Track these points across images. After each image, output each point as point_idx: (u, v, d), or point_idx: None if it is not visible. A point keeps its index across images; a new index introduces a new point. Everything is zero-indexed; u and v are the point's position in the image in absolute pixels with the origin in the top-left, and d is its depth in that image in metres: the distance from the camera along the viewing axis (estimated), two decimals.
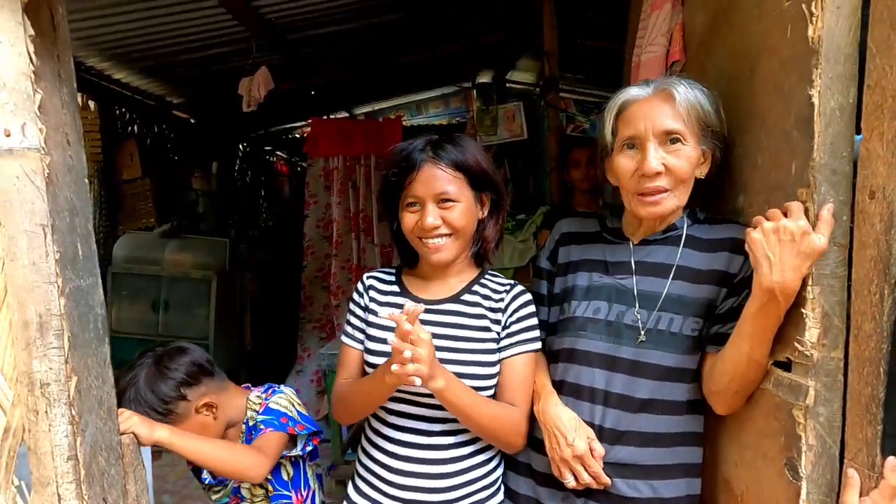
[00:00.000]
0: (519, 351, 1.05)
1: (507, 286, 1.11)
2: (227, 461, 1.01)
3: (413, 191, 1.03)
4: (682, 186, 0.97)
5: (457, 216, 1.02)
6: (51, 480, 0.70)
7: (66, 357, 0.69)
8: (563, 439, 0.98)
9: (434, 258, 1.05)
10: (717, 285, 0.97)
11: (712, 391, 0.96)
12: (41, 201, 0.66)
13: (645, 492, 0.98)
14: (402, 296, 1.11)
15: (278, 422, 1.13)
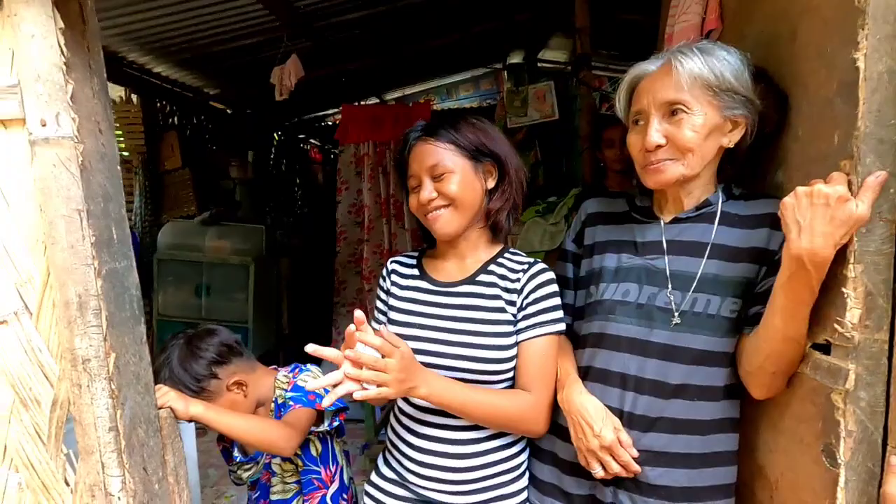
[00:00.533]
0: (536, 333, 1.02)
1: (525, 265, 1.07)
2: (257, 434, 1.05)
3: (411, 170, 1.05)
4: (691, 155, 0.93)
5: (450, 185, 1.01)
6: (94, 449, 0.75)
7: (104, 335, 0.73)
8: (589, 430, 0.95)
9: (437, 229, 1.04)
10: (756, 263, 0.93)
11: (748, 372, 0.92)
12: (76, 187, 0.69)
13: (679, 480, 0.94)
14: (421, 279, 1.12)
15: (306, 398, 1.16)
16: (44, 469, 0.78)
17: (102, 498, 0.76)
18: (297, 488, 1.23)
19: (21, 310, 0.74)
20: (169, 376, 1.12)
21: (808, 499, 0.87)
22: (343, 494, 1.27)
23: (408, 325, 1.06)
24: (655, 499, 0.95)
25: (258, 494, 1.26)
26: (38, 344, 0.75)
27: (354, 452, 3.04)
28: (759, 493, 1.02)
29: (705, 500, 0.95)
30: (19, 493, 0.79)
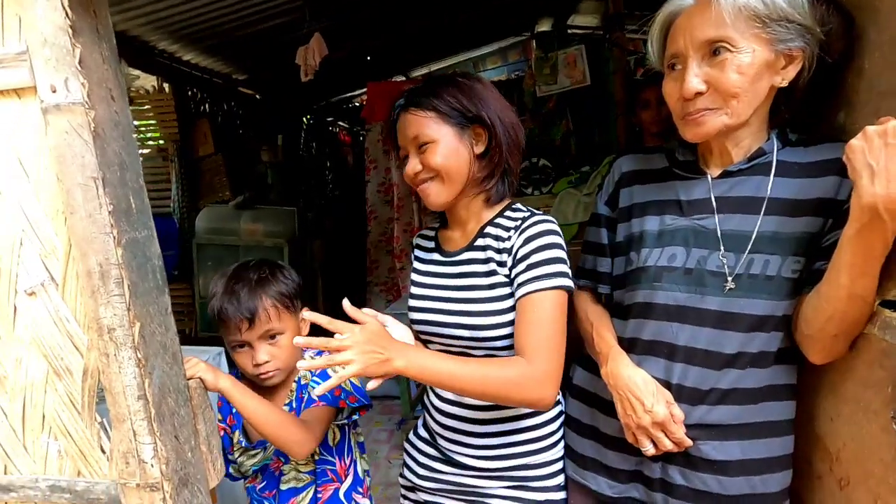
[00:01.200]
0: (527, 291, 0.92)
1: (518, 220, 0.98)
2: (277, 427, 1.00)
3: (399, 141, 1.02)
4: (735, 102, 0.83)
5: (432, 157, 0.96)
6: (126, 417, 0.75)
7: (127, 304, 0.73)
8: (640, 405, 0.88)
9: (428, 202, 1.01)
10: (821, 216, 0.83)
11: (805, 335, 0.84)
12: (90, 154, 0.68)
13: (733, 453, 0.88)
14: (436, 251, 1.11)
15: (332, 395, 1.12)
16: (80, 437, 0.80)
17: (136, 465, 0.77)
18: (310, 479, 1.17)
19: (47, 280, 0.75)
20: (283, 278, 1.13)
21: (876, 470, 0.80)
22: (358, 488, 1.23)
23: (422, 298, 1.07)
24: (709, 473, 0.89)
25: (263, 484, 1.18)
26: (66, 314, 0.75)
27: (391, 427, 3.08)
28: (818, 465, 0.95)
29: (762, 473, 0.88)
30: (59, 461, 0.81)
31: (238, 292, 1.08)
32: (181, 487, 0.81)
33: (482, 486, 1.01)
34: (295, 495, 1.15)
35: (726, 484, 0.88)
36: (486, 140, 1.00)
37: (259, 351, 1.09)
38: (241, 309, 1.07)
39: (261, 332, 1.09)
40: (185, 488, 0.82)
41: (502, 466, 1.00)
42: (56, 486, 0.81)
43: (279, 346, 1.11)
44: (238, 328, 1.08)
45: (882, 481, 0.78)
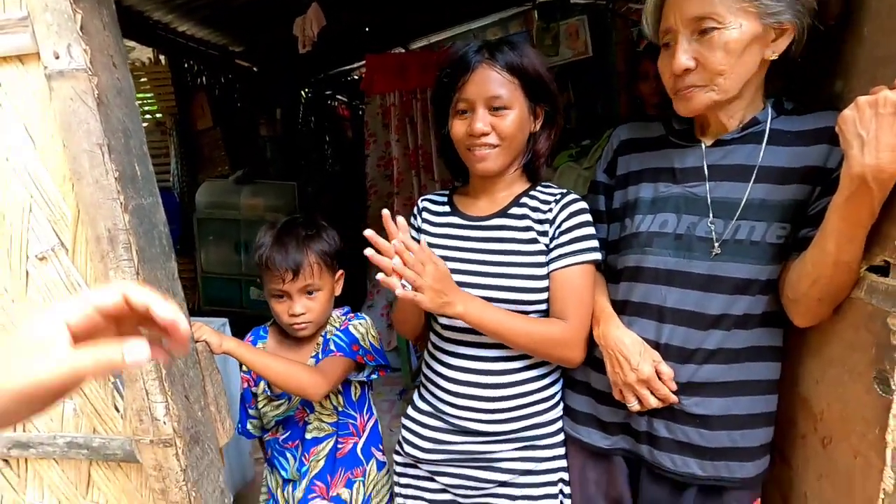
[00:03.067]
0: (569, 262, 0.99)
1: (558, 195, 1.04)
2: (287, 376, 1.06)
3: (465, 94, 0.98)
4: (722, 79, 0.84)
5: (507, 124, 0.97)
6: (137, 378, 0.79)
7: (136, 269, 0.75)
8: (626, 364, 0.93)
9: (479, 167, 1.01)
10: (810, 184, 0.85)
11: (790, 299, 0.87)
12: (94, 120, 0.70)
13: (716, 409, 0.92)
14: (453, 215, 1.10)
15: (349, 348, 1.18)
16: (94, 396, 0.83)
17: (150, 422, 0.80)
18: (332, 430, 1.22)
19: (57, 246, 0.77)
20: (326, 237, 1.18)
21: (858, 428, 0.83)
22: (377, 445, 1.29)
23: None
24: (692, 427, 0.93)
25: (287, 435, 1.23)
26: (77, 279, 0.78)
27: (392, 398, 3.15)
28: (802, 424, 0.99)
29: (743, 428, 0.92)
30: (76, 419, 0.85)
31: (287, 244, 1.14)
32: (193, 444, 0.85)
33: (492, 450, 1.04)
34: (317, 444, 1.21)
35: (708, 437, 0.92)
36: (542, 119, 1.04)
37: (297, 303, 1.14)
38: (288, 261, 1.12)
39: (301, 286, 1.14)
40: (196, 445, 0.86)
41: (512, 429, 1.03)
42: (73, 442, 0.85)
43: (316, 301, 1.17)
44: (282, 278, 1.12)
45: (863, 438, 0.82)
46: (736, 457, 0.92)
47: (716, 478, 0.93)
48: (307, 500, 1.21)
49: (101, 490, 0.89)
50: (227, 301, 3.59)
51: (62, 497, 0.90)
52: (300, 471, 1.21)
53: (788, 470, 1.03)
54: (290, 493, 1.22)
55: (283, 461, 1.23)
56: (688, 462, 0.94)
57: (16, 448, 0.87)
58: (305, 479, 1.21)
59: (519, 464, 1.04)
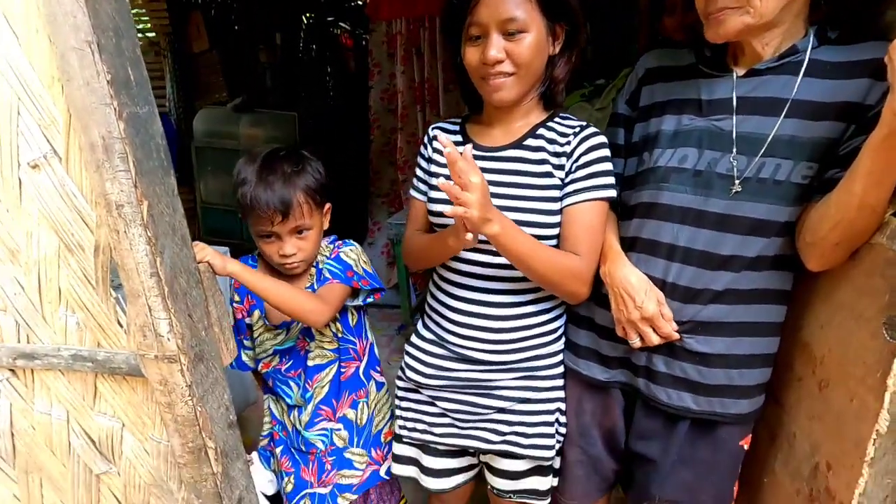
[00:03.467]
0: (584, 198, 0.96)
1: (577, 128, 0.99)
2: (290, 300, 1.05)
3: (477, 17, 0.91)
4: (757, 0, 0.77)
5: (523, 49, 0.91)
6: (140, 293, 0.77)
7: (133, 181, 0.72)
8: (630, 301, 0.92)
9: (495, 97, 0.96)
10: (844, 121, 0.80)
11: (807, 242, 0.85)
12: (82, 14, 0.64)
13: (717, 348, 0.93)
14: (464, 145, 1.05)
15: (344, 275, 1.16)
16: (97, 310, 0.83)
17: (154, 338, 0.80)
18: (334, 356, 1.24)
19: (50, 153, 0.73)
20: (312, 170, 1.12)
21: (857, 372, 0.84)
22: (376, 367, 1.31)
23: None
24: (690, 363, 0.94)
25: (290, 364, 1.24)
26: (72, 189, 0.75)
27: (391, 333, 3.22)
28: (800, 368, 1.00)
29: (741, 367, 0.94)
30: (79, 332, 0.85)
31: (272, 183, 1.07)
32: (197, 362, 0.85)
33: (492, 378, 1.06)
34: (319, 371, 1.23)
35: (705, 374, 0.94)
36: (562, 40, 0.96)
37: (287, 244, 1.11)
38: (275, 201, 1.06)
39: (291, 227, 1.10)
40: (200, 363, 0.86)
41: (513, 359, 1.05)
42: (78, 355, 0.85)
43: (306, 240, 1.13)
44: (270, 220, 1.08)
45: (861, 382, 0.83)
46: (731, 394, 0.94)
47: (709, 412, 0.95)
48: (314, 423, 1.25)
49: (109, 402, 0.90)
50: (227, 232, 3.57)
51: (70, 407, 0.92)
52: (304, 397, 1.24)
53: (779, 410, 1.05)
54: (295, 417, 1.26)
55: (286, 389, 1.25)
56: (682, 396, 0.95)
57: (21, 359, 0.88)
58: (311, 403, 1.24)
59: (517, 392, 1.06)
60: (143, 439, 0.93)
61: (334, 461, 1.25)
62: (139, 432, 0.92)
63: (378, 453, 1.29)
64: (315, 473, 1.26)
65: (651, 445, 1.02)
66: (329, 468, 1.25)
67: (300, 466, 1.27)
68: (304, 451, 1.26)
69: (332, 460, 1.25)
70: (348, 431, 1.26)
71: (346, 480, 1.25)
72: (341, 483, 1.25)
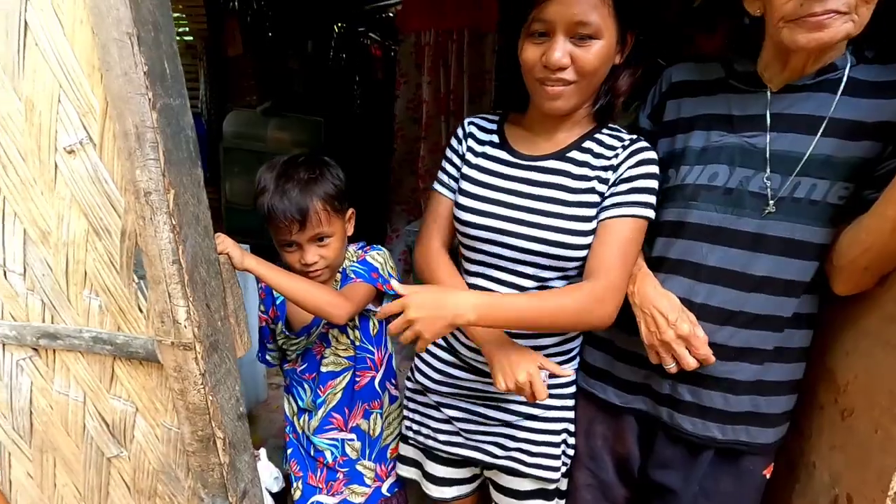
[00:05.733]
0: (624, 213, 0.89)
1: (627, 141, 0.93)
2: (308, 294, 1.04)
3: (544, 13, 0.81)
4: (866, 8, 0.72)
5: (591, 58, 0.82)
6: (161, 280, 0.79)
7: (162, 170, 0.74)
8: (663, 321, 0.86)
9: (549, 106, 0.88)
10: (882, 141, 0.78)
11: (836, 266, 0.82)
12: (125, 8, 0.67)
13: (746, 374, 0.89)
14: (501, 148, 0.99)
15: (368, 275, 1.15)
16: (120, 295, 0.85)
17: (171, 324, 0.82)
18: (349, 364, 1.22)
19: (86, 140, 0.76)
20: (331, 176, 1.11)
21: (883, 401, 0.81)
22: (392, 379, 1.29)
23: (480, 199, 0.97)
24: (718, 391, 0.91)
25: (304, 367, 1.23)
26: (104, 175, 0.77)
27: None
28: (823, 395, 0.97)
29: (768, 395, 0.90)
30: (101, 315, 0.87)
31: (289, 192, 1.07)
32: (211, 351, 0.87)
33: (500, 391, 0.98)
34: (332, 378, 1.22)
35: (732, 401, 0.90)
36: (629, 50, 0.88)
37: (308, 252, 1.10)
38: (293, 210, 1.06)
39: (310, 235, 1.09)
40: (215, 352, 0.88)
41: None
42: (98, 337, 0.87)
43: (328, 248, 1.12)
44: (289, 229, 1.08)
45: (886, 411, 0.80)
46: (757, 422, 0.91)
47: (734, 441, 0.91)
48: (323, 430, 1.24)
49: (124, 386, 0.92)
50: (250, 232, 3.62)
51: (87, 389, 0.94)
52: (315, 402, 1.23)
53: (799, 438, 1.01)
54: (305, 421, 1.25)
55: (300, 391, 1.25)
56: (709, 426, 0.92)
57: (44, 338, 0.90)
58: (321, 409, 1.23)
59: (524, 407, 1.04)
60: (154, 425, 0.94)
61: (347, 472, 1.24)
62: (151, 418, 0.94)
63: (383, 469, 1.28)
64: (323, 480, 1.25)
65: (672, 476, 0.98)
66: (340, 478, 1.24)
67: (308, 473, 1.26)
68: (313, 458, 1.26)
69: (346, 472, 1.24)
70: (361, 442, 1.25)
71: (355, 498, 1.24)
72: (350, 500, 1.24)
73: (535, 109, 0.95)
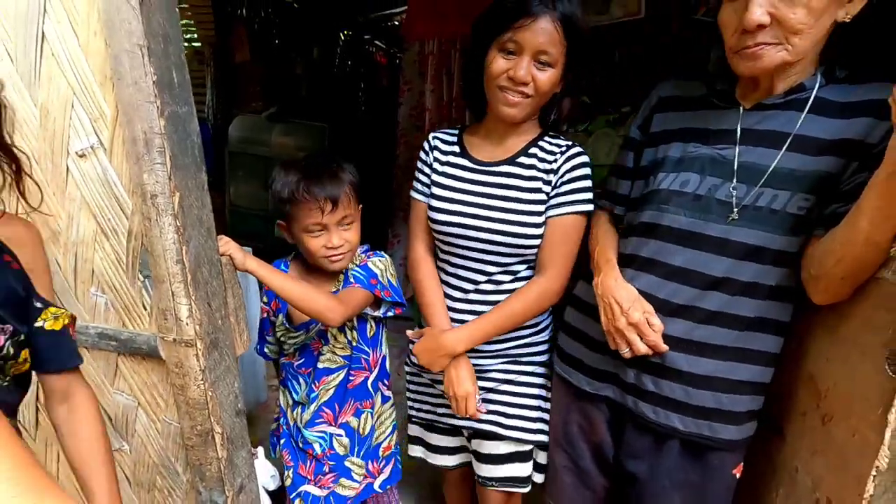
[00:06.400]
0: (565, 211, 1.07)
1: (563, 147, 1.10)
2: (305, 297, 1.08)
3: (518, 36, 0.98)
4: (798, 38, 0.79)
5: (546, 80, 1.01)
6: (165, 279, 0.83)
7: (168, 174, 0.78)
8: (618, 308, 0.96)
9: (505, 112, 1.05)
10: (845, 157, 0.82)
11: (812, 276, 0.85)
12: (136, 21, 0.71)
13: (705, 369, 0.93)
14: (461, 156, 1.16)
15: (367, 282, 1.20)
16: (125, 293, 0.88)
17: (174, 322, 0.85)
18: (344, 363, 1.26)
19: (96, 144, 0.80)
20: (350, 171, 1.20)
21: (860, 409, 0.83)
22: (385, 380, 1.33)
23: (448, 201, 1.14)
24: (678, 383, 0.94)
25: (301, 361, 1.27)
26: (113, 178, 0.81)
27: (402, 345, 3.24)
28: (804, 401, 0.99)
29: (729, 392, 0.93)
30: (106, 312, 0.91)
31: (321, 176, 1.14)
32: (212, 348, 0.90)
33: (481, 363, 1.18)
34: (327, 374, 1.26)
35: (692, 394, 0.94)
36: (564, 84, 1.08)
37: (335, 235, 1.16)
38: (328, 191, 1.13)
39: (339, 217, 1.16)
40: (215, 350, 0.91)
41: (499, 347, 1.17)
42: (104, 333, 0.91)
43: (351, 232, 1.20)
44: (321, 209, 1.13)
45: (862, 418, 0.82)
46: (720, 418, 0.94)
47: (697, 435, 0.95)
48: (314, 424, 1.27)
49: (127, 381, 0.95)
50: (253, 235, 3.69)
51: (92, 383, 0.97)
52: (309, 396, 1.27)
53: (782, 443, 1.04)
54: (298, 413, 1.29)
55: (295, 384, 1.29)
56: (670, 416, 0.96)
57: None
58: (314, 404, 1.26)
59: (502, 374, 1.19)
60: (155, 419, 0.97)
61: (334, 466, 1.27)
62: (152, 412, 0.97)
63: (374, 466, 1.31)
64: (311, 472, 1.28)
65: (640, 465, 1.02)
66: (327, 471, 1.27)
67: (298, 463, 1.30)
68: (302, 449, 1.29)
69: (332, 465, 1.27)
70: (350, 439, 1.28)
71: (343, 491, 1.27)
72: (339, 493, 1.27)
73: (492, 117, 1.12)
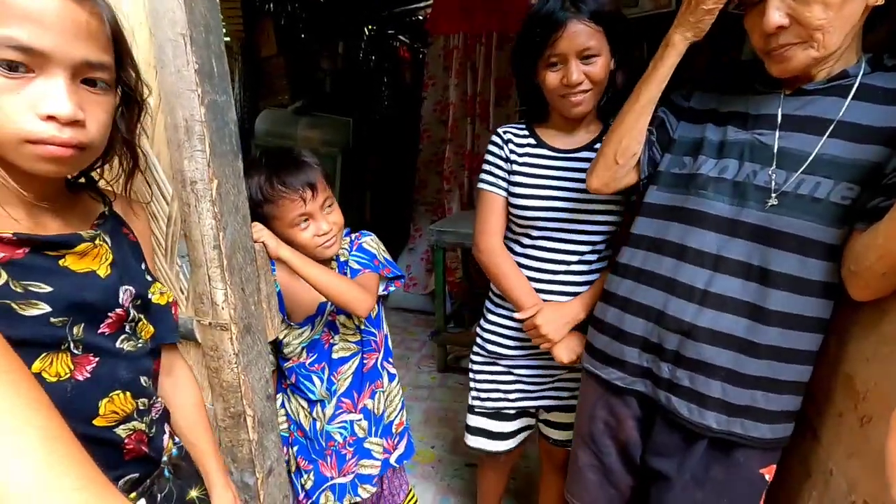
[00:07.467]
0: None
1: None
2: (338, 288, 1.10)
3: (557, 49, 1.06)
4: (821, 35, 0.77)
5: (598, 70, 1.08)
6: (202, 263, 0.85)
7: (208, 161, 0.80)
8: None
9: (574, 112, 1.13)
10: (891, 146, 0.79)
11: (852, 271, 0.82)
12: (180, 10, 0.72)
13: (745, 366, 0.90)
14: (540, 146, 1.22)
15: (372, 264, 1.22)
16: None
17: (210, 306, 0.87)
18: (357, 349, 1.27)
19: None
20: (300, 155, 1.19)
21: None
22: (389, 359, 1.34)
23: (537, 187, 1.21)
24: (717, 380, 0.92)
25: (314, 358, 1.24)
26: (155, 164, 0.84)
27: (424, 339, 3.26)
28: (842, 402, 0.96)
29: (768, 391, 0.91)
30: None
31: (290, 166, 1.13)
32: (245, 333, 0.92)
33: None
34: (343, 364, 1.26)
35: (730, 392, 0.91)
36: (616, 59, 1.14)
37: (321, 220, 1.16)
38: (303, 178, 1.12)
39: (321, 201, 1.15)
40: (248, 334, 0.93)
41: None
42: None
43: (335, 213, 1.19)
44: (303, 199, 1.12)
45: None
46: (752, 416, 0.91)
47: (727, 432, 0.93)
48: (336, 416, 1.27)
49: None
50: None
51: None
52: (329, 390, 1.26)
53: (816, 445, 1.01)
54: (318, 412, 1.26)
55: (308, 384, 1.25)
56: (704, 413, 0.94)
57: None
58: (335, 396, 1.26)
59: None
60: None
61: (354, 451, 1.28)
62: None
63: (390, 443, 1.32)
64: (335, 466, 1.27)
65: (667, 462, 1.00)
66: (349, 458, 1.28)
67: (318, 463, 1.28)
68: (322, 448, 1.27)
69: (353, 450, 1.28)
70: (368, 421, 1.29)
71: (366, 471, 1.28)
72: (362, 473, 1.28)
73: (558, 116, 1.21)
